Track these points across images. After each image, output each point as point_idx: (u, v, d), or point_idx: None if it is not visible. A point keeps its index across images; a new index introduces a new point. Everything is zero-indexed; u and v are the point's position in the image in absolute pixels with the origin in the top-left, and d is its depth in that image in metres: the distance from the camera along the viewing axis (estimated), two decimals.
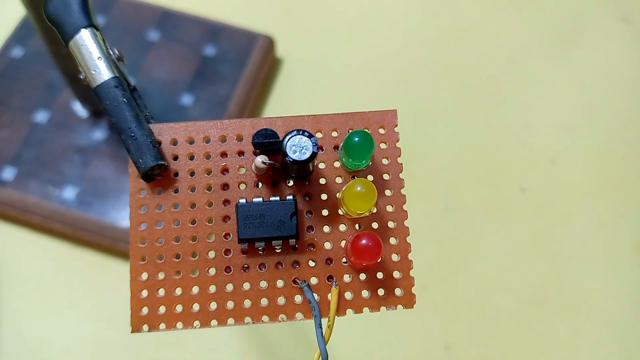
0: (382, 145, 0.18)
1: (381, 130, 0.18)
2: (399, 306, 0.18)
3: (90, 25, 0.17)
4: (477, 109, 0.42)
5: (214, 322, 0.17)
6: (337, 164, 0.18)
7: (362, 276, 0.18)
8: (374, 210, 0.18)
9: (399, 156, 0.18)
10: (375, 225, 0.18)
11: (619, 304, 0.36)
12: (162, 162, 0.17)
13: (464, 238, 0.37)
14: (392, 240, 0.18)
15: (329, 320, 0.17)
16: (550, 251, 0.37)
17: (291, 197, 0.18)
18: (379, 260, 0.17)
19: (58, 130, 0.36)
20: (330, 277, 0.18)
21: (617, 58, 0.44)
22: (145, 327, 0.17)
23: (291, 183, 0.18)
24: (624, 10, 0.46)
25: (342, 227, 0.18)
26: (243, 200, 0.17)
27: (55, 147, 0.36)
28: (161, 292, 0.17)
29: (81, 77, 0.18)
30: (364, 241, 0.16)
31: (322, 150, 0.18)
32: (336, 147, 0.18)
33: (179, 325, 0.17)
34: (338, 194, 0.18)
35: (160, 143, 0.18)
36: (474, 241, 0.37)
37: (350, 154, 0.17)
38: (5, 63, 0.38)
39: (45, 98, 0.37)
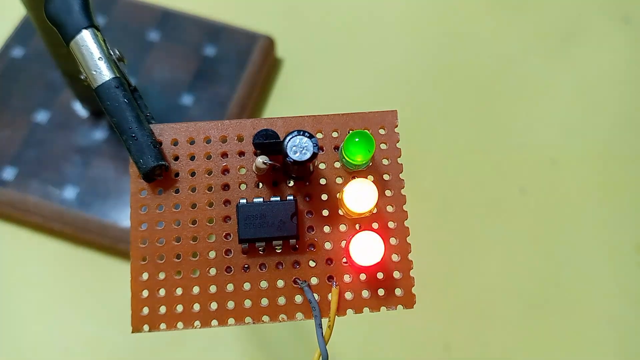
0: (383, 146, 0.18)
1: (381, 131, 0.18)
2: (399, 306, 0.18)
3: (91, 25, 0.17)
4: (477, 109, 0.42)
5: (214, 322, 0.17)
6: (337, 165, 0.18)
7: (362, 276, 0.18)
8: (374, 211, 0.18)
9: (399, 157, 0.18)
10: (375, 225, 0.18)
11: (619, 304, 0.36)
12: (163, 163, 0.17)
13: (464, 238, 0.37)
14: (393, 241, 0.18)
15: (329, 320, 0.17)
16: (550, 251, 0.37)
17: (292, 197, 0.18)
18: (379, 261, 0.17)
19: (58, 130, 0.36)
20: (330, 277, 0.18)
21: (617, 58, 0.44)
22: (146, 327, 0.17)
23: (292, 183, 0.18)
24: (624, 10, 0.46)
25: (343, 227, 0.18)
26: (244, 201, 0.17)
27: (56, 147, 0.36)
28: (162, 292, 0.17)
29: (82, 77, 0.18)
30: None
31: (323, 150, 0.18)
32: (336, 148, 0.18)
33: (180, 325, 0.17)
34: (338, 194, 0.18)
35: (161, 143, 0.18)
36: (474, 241, 0.37)
37: (350, 154, 0.17)
38: (5, 63, 0.38)
39: (46, 98, 0.37)
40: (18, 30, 0.40)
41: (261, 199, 0.17)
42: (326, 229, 0.18)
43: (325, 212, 0.18)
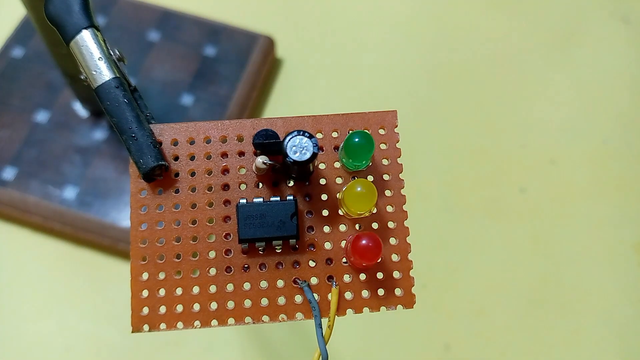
0: (382, 146, 0.18)
1: (381, 131, 0.18)
2: (399, 306, 0.18)
3: (91, 25, 0.17)
4: (477, 109, 0.42)
5: (214, 322, 0.17)
6: (337, 165, 0.18)
7: (362, 276, 0.18)
8: (374, 211, 0.18)
9: (399, 157, 0.18)
10: (375, 225, 0.18)
11: (619, 304, 0.36)
12: (163, 163, 0.17)
13: (464, 238, 0.37)
14: (392, 241, 0.18)
15: (329, 320, 0.17)
16: (550, 251, 0.37)
17: (291, 197, 0.18)
18: (379, 261, 0.17)
19: (58, 130, 0.37)
20: (330, 277, 0.18)
21: (616, 58, 0.44)
22: (146, 327, 0.17)
23: (291, 183, 0.18)
24: (623, 10, 0.46)
25: (342, 228, 0.18)
26: (244, 201, 0.17)
27: (56, 147, 0.36)
28: (162, 292, 0.17)
29: (82, 77, 0.18)
30: (364, 241, 0.16)
31: (323, 150, 0.18)
32: (336, 148, 0.18)
33: (180, 325, 0.17)
34: (338, 194, 0.18)
35: (161, 143, 0.18)
36: (474, 241, 0.37)
37: (350, 154, 0.17)
38: (5, 63, 0.39)
39: (46, 98, 0.38)
40: (18, 30, 0.40)
41: (261, 199, 0.17)
42: (326, 229, 0.18)
43: (325, 212, 0.18)
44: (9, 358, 0.32)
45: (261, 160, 0.17)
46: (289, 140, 0.16)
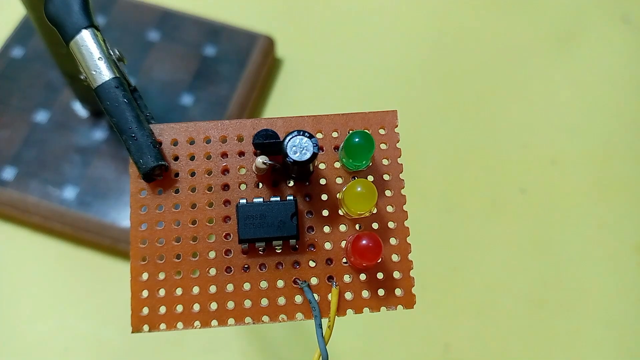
0: (383, 146, 0.18)
1: (381, 131, 0.18)
2: (399, 306, 0.18)
3: (91, 25, 0.17)
4: (477, 109, 0.42)
5: (214, 322, 0.17)
6: (337, 165, 0.18)
7: (363, 276, 0.18)
8: (374, 211, 0.18)
9: (399, 157, 0.18)
10: (375, 225, 0.18)
11: (619, 304, 0.36)
12: (163, 163, 0.17)
13: (464, 238, 0.37)
14: (393, 241, 0.18)
15: (329, 321, 0.17)
16: (550, 251, 0.37)
17: (291, 197, 0.18)
18: (379, 261, 0.17)
19: (58, 130, 0.36)
20: (330, 278, 0.18)
21: (617, 58, 0.44)
22: (146, 327, 0.17)
23: (291, 183, 0.18)
24: (623, 10, 0.46)
25: (343, 228, 0.18)
26: (244, 201, 0.17)
27: (56, 147, 0.36)
28: (162, 292, 0.17)
29: (82, 77, 0.18)
30: (364, 241, 0.16)
31: (323, 150, 0.18)
32: (336, 148, 0.18)
33: (180, 325, 0.17)
34: (338, 194, 0.18)
35: (160, 143, 0.18)
36: (474, 241, 0.37)
37: (350, 154, 0.17)
38: (5, 63, 0.38)
39: (46, 98, 0.37)
40: (18, 30, 0.40)
41: (261, 199, 0.17)
42: (326, 229, 0.18)
43: (325, 212, 0.18)
44: (9, 358, 0.32)
45: (261, 160, 0.17)
46: (289, 140, 0.16)
